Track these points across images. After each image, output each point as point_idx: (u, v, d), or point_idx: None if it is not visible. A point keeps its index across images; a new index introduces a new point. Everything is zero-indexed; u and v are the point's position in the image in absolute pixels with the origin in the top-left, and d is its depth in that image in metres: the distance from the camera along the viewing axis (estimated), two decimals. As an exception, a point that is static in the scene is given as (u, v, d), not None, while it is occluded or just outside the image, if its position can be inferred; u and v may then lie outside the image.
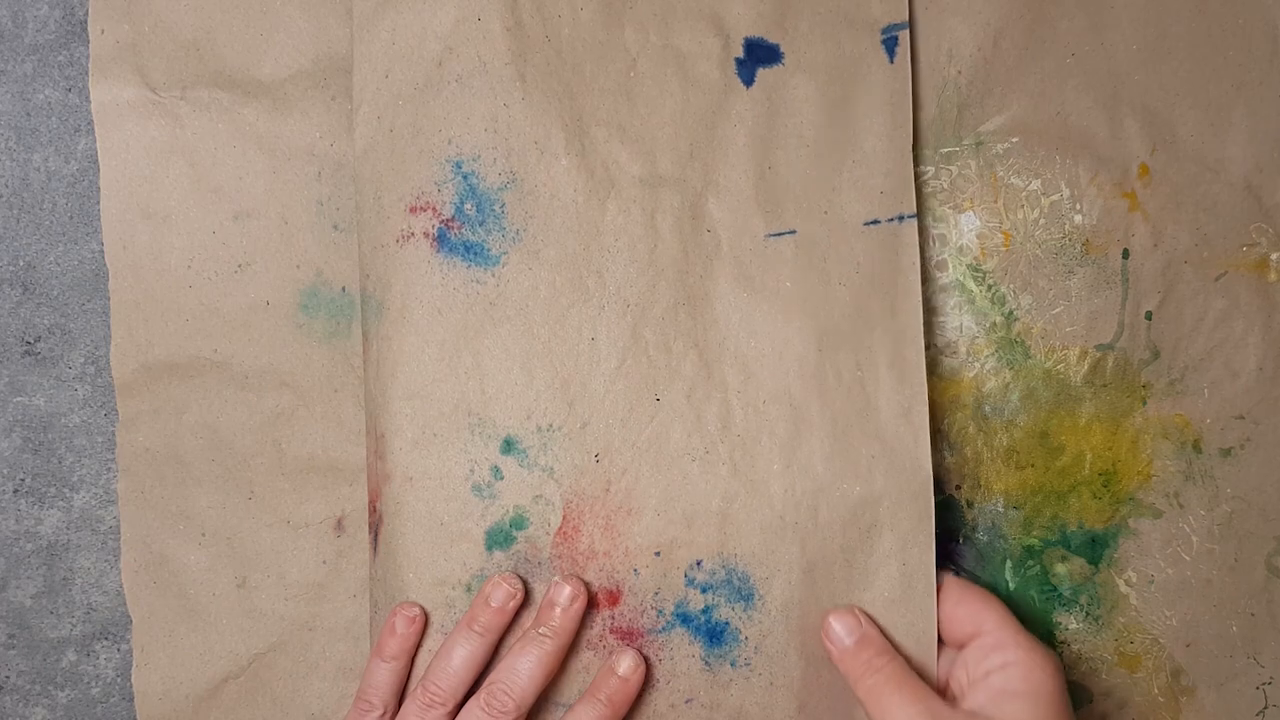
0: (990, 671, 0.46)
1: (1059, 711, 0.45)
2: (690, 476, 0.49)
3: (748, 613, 0.49)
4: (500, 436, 0.48)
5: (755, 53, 0.50)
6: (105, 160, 0.52)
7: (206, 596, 0.53)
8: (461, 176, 0.48)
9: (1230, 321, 0.54)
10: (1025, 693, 0.45)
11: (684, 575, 0.49)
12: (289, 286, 0.53)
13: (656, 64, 0.49)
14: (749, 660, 0.49)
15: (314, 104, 0.52)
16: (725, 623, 0.49)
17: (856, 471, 0.49)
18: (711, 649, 0.49)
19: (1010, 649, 0.46)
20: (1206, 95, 0.53)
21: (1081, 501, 0.54)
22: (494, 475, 0.48)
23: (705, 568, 0.49)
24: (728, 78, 0.50)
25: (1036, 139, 0.53)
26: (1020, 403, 0.53)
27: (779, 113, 0.50)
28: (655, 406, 0.49)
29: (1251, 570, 0.54)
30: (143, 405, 0.53)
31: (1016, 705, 0.45)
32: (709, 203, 0.50)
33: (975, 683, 0.47)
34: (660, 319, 0.49)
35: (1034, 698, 0.45)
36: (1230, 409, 0.54)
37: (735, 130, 0.50)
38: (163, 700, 0.53)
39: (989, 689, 0.46)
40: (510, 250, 0.48)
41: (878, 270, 0.50)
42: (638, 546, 0.49)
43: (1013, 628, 0.47)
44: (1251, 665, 0.54)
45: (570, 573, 0.48)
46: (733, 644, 0.49)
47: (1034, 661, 0.46)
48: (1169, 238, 0.53)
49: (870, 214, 0.50)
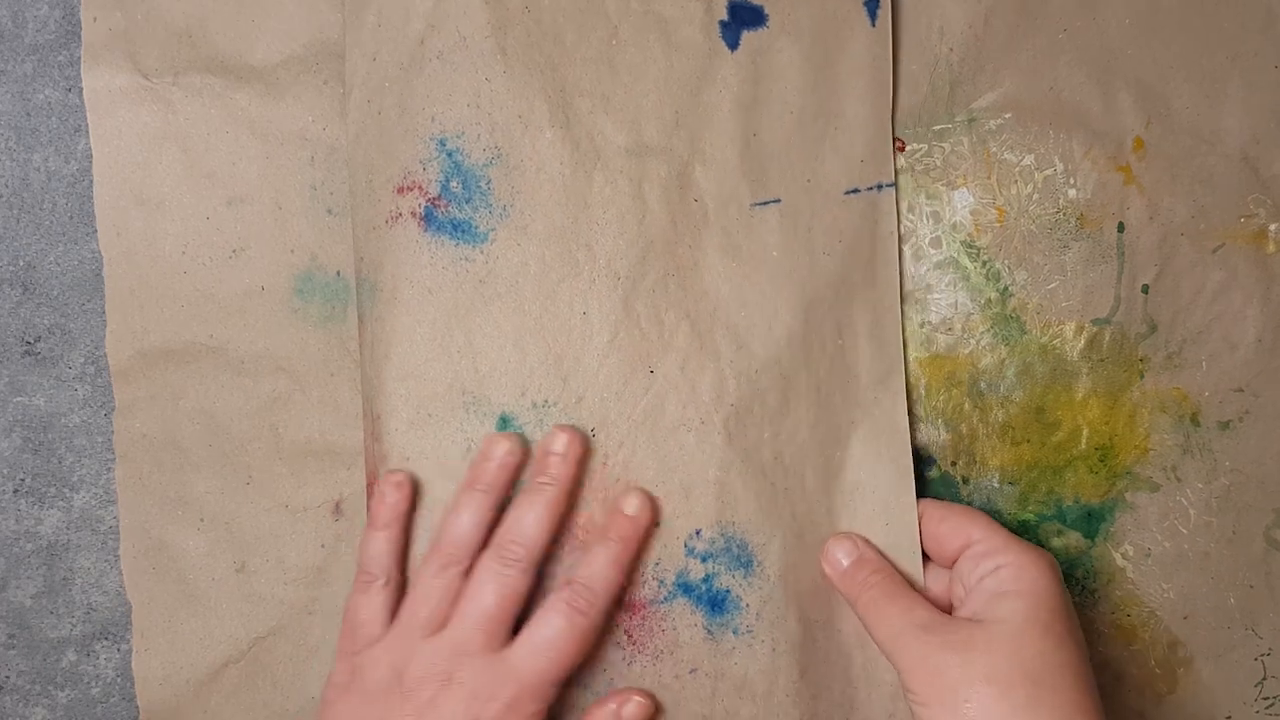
0: (983, 577, 0.46)
1: (1055, 607, 0.45)
2: (686, 447, 0.49)
3: (748, 579, 0.49)
4: (495, 414, 0.48)
5: (739, 15, 0.50)
6: (98, 148, 0.52)
7: (206, 582, 0.53)
8: (446, 154, 0.48)
9: (1228, 293, 0.53)
10: (1018, 591, 0.45)
11: (684, 545, 0.49)
12: (283, 271, 0.53)
13: (639, 30, 0.49)
14: (751, 627, 0.49)
15: (306, 89, 0.52)
16: (726, 590, 0.49)
17: (838, 438, 0.50)
18: (714, 618, 0.49)
19: (1000, 553, 0.46)
20: (1200, 67, 0.53)
21: (1078, 476, 0.54)
22: None
23: (704, 536, 0.49)
24: (712, 41, 0.49)
25: (1029, 115, 0.53)
26: (1016, 378, 0.53)
27: (764, 77, 0.50)
28: (649, 379, 0.49)
29: (1250, 542, 0.54)
30: (139, 392, 0.53)
31: (1010, 604, 0.44)
32: (696, 171, 0.49)
33: (970, 591, 0.46)
34: (651, 290, 0.49)
35: (1028, 596, 0.44)
36: (1229, 381, 0.54)
37: (720, 96, 0.49)
38: (163, 686, 0.53)
39: (982, 593, 0.45)
40: (498, 226, 0.48)
41: (858, 240, 0.50)
42: None
43: (1001, 534, 0.47)
44: (1250, 637, 0.54)
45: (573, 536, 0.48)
46: (734, 612, 0.49)
47: (1025, 561, 0.45)
48: (1165, 210, 0.53)
49: (851, 183, 0.50)
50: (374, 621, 0.47)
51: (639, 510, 0.47)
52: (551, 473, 0.47)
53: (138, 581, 0.53)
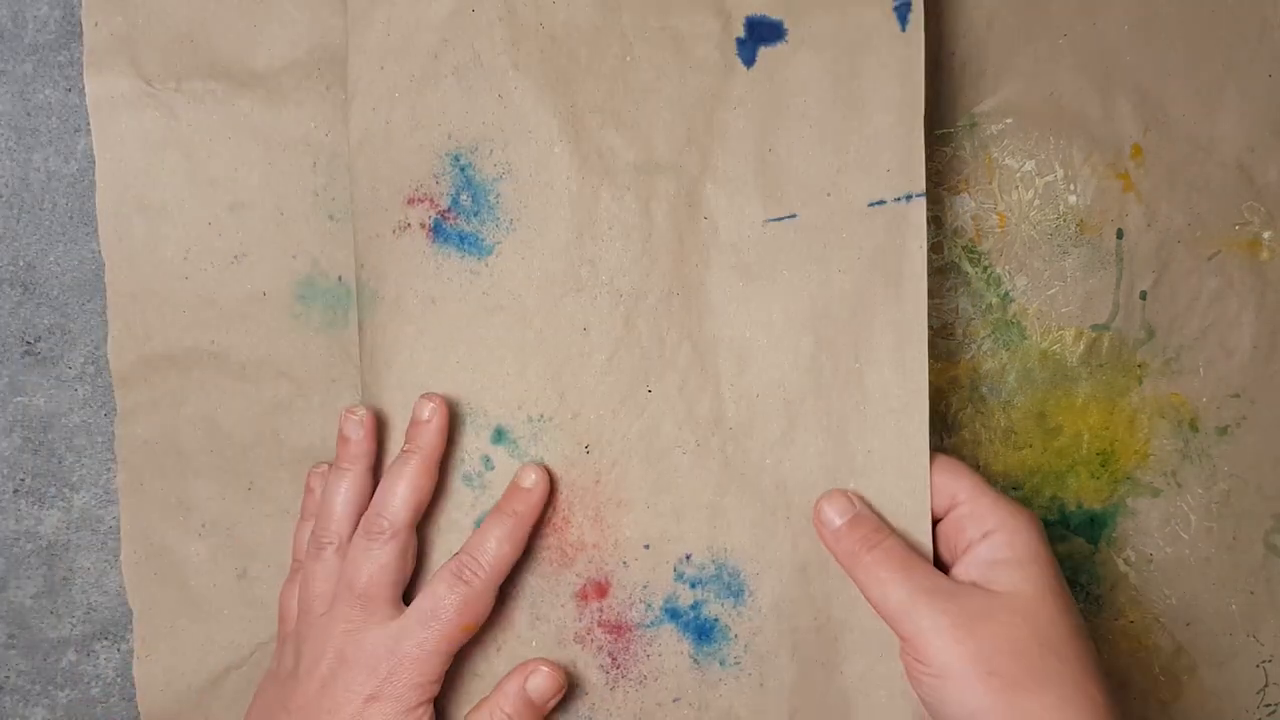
0: (973, 542, 0.45)
1: (1054, 580, 0.45)
2: (681, 469, 0.48)
3: (737, 609, 0.48)
4: (491, 426, 0.48)
5: (757, 31, 0.49)
6: (100, 153, 0.52)
7: (207, 587, 0.53)
8: (459, 169, 0.48)
9: (1224, 300, 0.54)
10: (1014, 559, 0.44)
11: (673, 569, 0.48)
12: (285, 277, 0.53)
13: (653, 47, 0.48)
14: (739, 659, 0.48)
15: (308, 94, 0.52)
16: (714, 619, 0.48)
17: (852, 468, 0.48)
18: (700, 647, 0.48)
19: (988, 517, 0.45)
20: (1198, 75, 0.53)
21: (1080, 481, 0.54)
22: (484, 465, 0.48)
23: (695, 562, 0.48)
24: (728, 59, 0.48)
25: (1030, 120, 0.53)
26: (1017, 384, 0.54)
27: (782, 92, 0.48)
28: (647, 398, 0.48)
29: (1250, 548, 0.54)
30: (141, 397, 0.53)
31: (1011, 573, 0.44)
32: (706, 189, 0.49)
33: (960, 556, 0.46)
34: (653, 309, 0.48)
35: (1025, 563, 0.44)
36: (1226, 387, 0.54)
37: (735, 114, 0.48)
38: (164, 692, 0.53)
39: (978, 561, 0.45)
40: (504, 240, 0.48)
41: (881, 254, 0.48)
42: (627, 539, 0.48)
43: (988, 495, 0.46)
44: (1251, 643, 0.54)
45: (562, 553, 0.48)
46: (722, 642, 0.48)
47: (1016, 526, 0.45)
48: (1162, 217, 0.53)
49: (875, 194, 0.48)
50: (296, 608, 0.48)
51: (535, 484, 0.47)
52: (418, 440, 0.47)
53: (139, 587, 0.53)
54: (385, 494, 0.46)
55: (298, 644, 0.47)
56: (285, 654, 0.48)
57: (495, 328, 0.48)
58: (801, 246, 0.48)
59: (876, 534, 0.46)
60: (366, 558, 0.46)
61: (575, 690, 0.48)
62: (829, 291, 0.48)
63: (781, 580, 0.48)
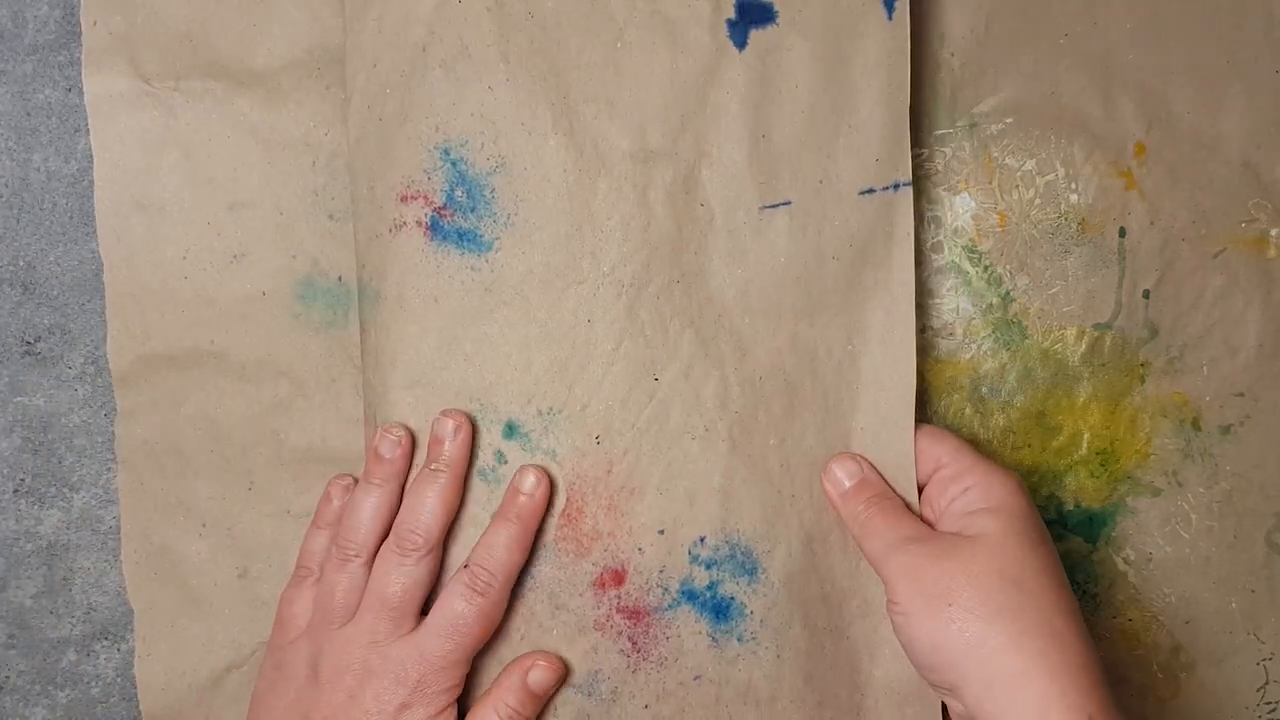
0: (953, 500, 0.47)
1: (1028, 517, 0.46)
2: (691, 455, 0.49)
3: (752, 586, 0.49)
4: (502, 421, 0.48)
5: (748, 13, 0.49)
6: (99, 152, 0.52)
7: (208, 587, 0.53)
8: (450, 163, 0.48)
9: (1229, 298, 0.54)
10: (989, 508, 0.46)
11: (688, 552, 0.49)
12: (285, 276, 0.53)
13: (645, 32, 0.48)
14: (755, 634, 0.49)
15: (308, 93, 0.52)
16: (730, 598, 0.49)
17: (847, 444, 0.50)
18: (717, 625, 0.49)
19: (968, 475, 0.47)
20: (1201, 72, 0.53)
21: (1079, 481, 0.54)
22: (497, 460, 0.48)
23: (709, 544, 0.49)
24: (719, 41, 0.48)
25: (1031, 119, 0.53)
26: (1017, 383, 0.53)
27: (773, 76, 0.49)
28: (654, 386, 0.49)
29: (1251, 547, 0.54)
30: (141, 397, 0.53)
31: (984, 520, 0.45)
32: (702, 174, 0.49)
33: (941, 514, 0.47)
34: (655, 297, 0.49)
35: (999, 511, 0.46)
36: (1229, 386, 0.54)
37: (728, 97, 0.49)
38: (165, 691, 0.53)
39: (954, 514, 0.47)
40: (503, 235, 0.48)
41: (871, 242, 0.49)
42: (641, 526, 0.49)
43: (969, 456, 0.48)
44: (1251, 641, 0.54)
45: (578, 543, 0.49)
46: (738, 619, 0.49)
47: (992, 480, 0.47)
48: (1166, 215, 0.53)
49: (866, 183, 0.49)
50: (304, 615, 0.48)
51: (534, 488, 0.48)
52: (444, 458, 0.47)
53: (140, 587, 0.53)
54: (416, 510, 0.47)
55: (314, 653, 0.47)
56: (293, 661, 0.48)
57: (499, 324, 0.48)
58: (796, 233, 0.49)
59: (876, 496, 0.48)
60: (399, 572, 0.46)
61: (598, 674, 0.49)
62: (824, 276, 0.49)
63: (791, 555, 0.49)
